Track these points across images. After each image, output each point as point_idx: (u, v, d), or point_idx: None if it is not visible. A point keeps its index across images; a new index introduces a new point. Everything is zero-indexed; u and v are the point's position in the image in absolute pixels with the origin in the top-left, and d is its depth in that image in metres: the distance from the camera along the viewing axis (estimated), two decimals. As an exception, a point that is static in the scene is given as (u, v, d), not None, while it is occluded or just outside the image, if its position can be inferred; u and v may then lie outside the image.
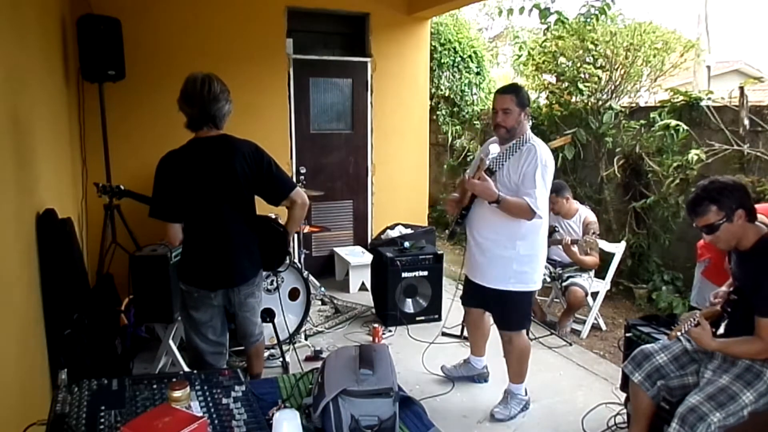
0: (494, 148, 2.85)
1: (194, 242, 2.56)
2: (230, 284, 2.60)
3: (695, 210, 2.22)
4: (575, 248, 4.12)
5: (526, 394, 3.13)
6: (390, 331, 4.23)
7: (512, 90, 2.88)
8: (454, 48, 7.47)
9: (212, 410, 1.58)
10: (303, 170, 4.51)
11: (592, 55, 5.41)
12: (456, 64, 7.50)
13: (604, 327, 4.38)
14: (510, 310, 2.99)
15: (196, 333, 2.63)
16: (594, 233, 4.07)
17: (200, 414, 1.52)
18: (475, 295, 3.12)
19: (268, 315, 3.45)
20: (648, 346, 2.49)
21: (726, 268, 2.68)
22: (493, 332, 3.30)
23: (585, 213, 4.32)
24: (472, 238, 3.00)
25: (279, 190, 2.59)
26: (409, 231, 5.46)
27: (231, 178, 2.47)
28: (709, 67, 9.12)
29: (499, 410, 3.06)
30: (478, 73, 7.66)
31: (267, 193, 2.59)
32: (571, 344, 4.01)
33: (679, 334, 2.30)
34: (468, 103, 7.53)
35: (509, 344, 3.05)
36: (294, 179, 4.60)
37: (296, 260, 4.52)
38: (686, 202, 2.33)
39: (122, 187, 3.55)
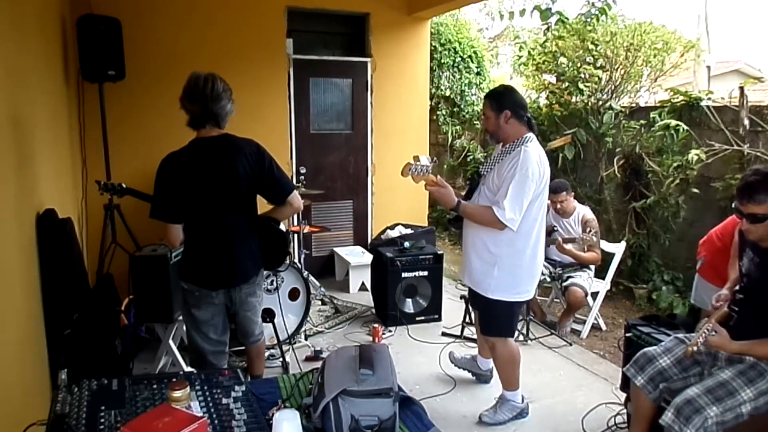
0: (424, 159, 2.75)
1: (195, 241, 2.56)
2: (232, 284, 2.61)
3: (751, 196, 2.12)
4: (569, 246, 4.12)
5: (522, 401, 3.04)
6: (390, 331, 4.23)
7: (489, 95, 2.86)
8: (454, 48, 7.47)
9: (212, 410, 1.58)
10: (303, 170, 4.52)
11: (593, 55, 5.41)
12: (456, 64, 7.50)
13: (604, 327, 4.38)
14: (489, 317, 2.94)
15: (198, 332, 2.64)
16: (592, 231, 4.07)
17: (200, 414, 1.51)
18: (472, 294, 3.14)
19: (268, 315, 3.44)
20: (650, 349, 2.46)
21: (729, 266, 2.67)
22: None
23: (583, 211, 4.33)
24: (464, 238, 2.99)
25: (278, 191, 2.62)
26: (409, 231, 5.46)
27: (233, 178, 2.48)
28: (709, 67, 9.10)
29: (487, 414, 3.02)
30: (478, 73, 7.66)
31: (266, 193, 2.62)
32: (571, 344, 4.01)
33: (696, 348, 2.23)
34: (468, 103, 7.54)
35: (493, 350, 2.99)
36: (294, 179, 4.64)
37: (296, 260, 4.52)
38: (743, 184, 2.18)
39: (124, 185, 3.55)
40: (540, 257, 2.89)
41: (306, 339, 4.02)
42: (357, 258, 5.21)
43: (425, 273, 4.37)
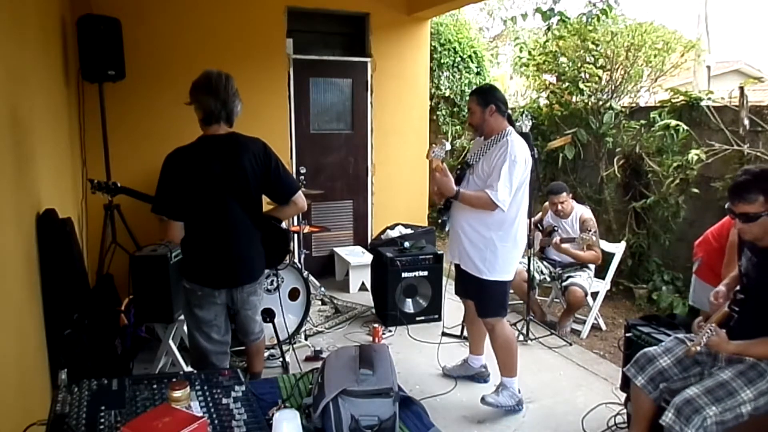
0: (447, 145, 3.02)
1: (200, 240, 2.54)
2: (237, 283, 2.60)
3: (742, 195, 2.14)
4: (566, 246, 4.16)
5: (519, 392, 3.13)
6: (390, 331, 4.23)
7: (475, 91, 3.09)
8: (454, 48, 7.47)
9: (212, 410, 1.58)
10: (303, 170, 4.51)
11: (593, 55, 5.41)
12: (456, 65, 7.50)
13: (604, 327, 4.38)
14: (486, 298, 3.07)
15: (200, 333, 2.63)
16: (590, 231, 4.07)
17: (200, 414, 1.51)
18: (461, 282, 3.22)
19: (268, 315, 3.45)
20: (651, 349, 2.46)
21: (723, 267, 2.68)
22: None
23: (581, 211, 4.33)
24: (453, 225, 3.12)
25: (283, 191, 2.63)
26: (409, 231, 5.46)
27: (240, 176, 2.47)
28: (709, 67, 9.10)
29: (491, 397, 3.10)
30: (478, 73, 7.67)
31: (271, 192, 2.63)
32: (571, 344, 4.01)
33: (699, 348, 2.22)
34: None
35: (493, 332, 3.10)
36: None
37: (296, 260, 4.52)
38: (733, 184, 2.21)
39: (118, 184, 3.54)
40: (523, 239, 3.10)
41: (306, 339, 4.02)
42: (357, 258, 5.21)
43: (425, 273, 4.37)
